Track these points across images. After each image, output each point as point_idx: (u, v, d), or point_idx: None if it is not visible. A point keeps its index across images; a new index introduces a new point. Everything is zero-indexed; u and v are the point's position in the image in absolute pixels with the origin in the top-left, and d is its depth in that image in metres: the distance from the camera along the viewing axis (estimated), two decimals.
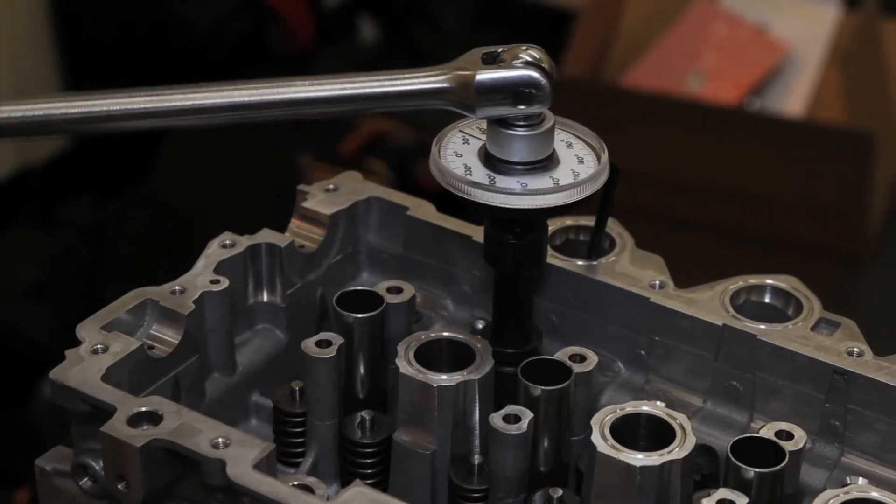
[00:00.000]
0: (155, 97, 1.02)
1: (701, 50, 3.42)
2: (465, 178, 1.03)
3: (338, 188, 1.25)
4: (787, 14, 3.42)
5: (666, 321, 1.14)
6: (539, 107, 1.01)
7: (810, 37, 3.39)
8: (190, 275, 1.14)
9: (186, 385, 1.11)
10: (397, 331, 1.14)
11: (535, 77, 1.00)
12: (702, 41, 3.42)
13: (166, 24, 3.00)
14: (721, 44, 3.42)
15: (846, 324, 1.13)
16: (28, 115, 1.01)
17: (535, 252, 1.09)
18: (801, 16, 3.42)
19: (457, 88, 1.02)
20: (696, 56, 3.43)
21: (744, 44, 3.41)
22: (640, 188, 3.23)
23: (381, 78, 1.05)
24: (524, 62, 1.01)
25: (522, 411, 1.03)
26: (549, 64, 1.01)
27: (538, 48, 1.03)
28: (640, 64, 3.42)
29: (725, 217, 3.27)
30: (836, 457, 1.09)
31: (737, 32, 3.42)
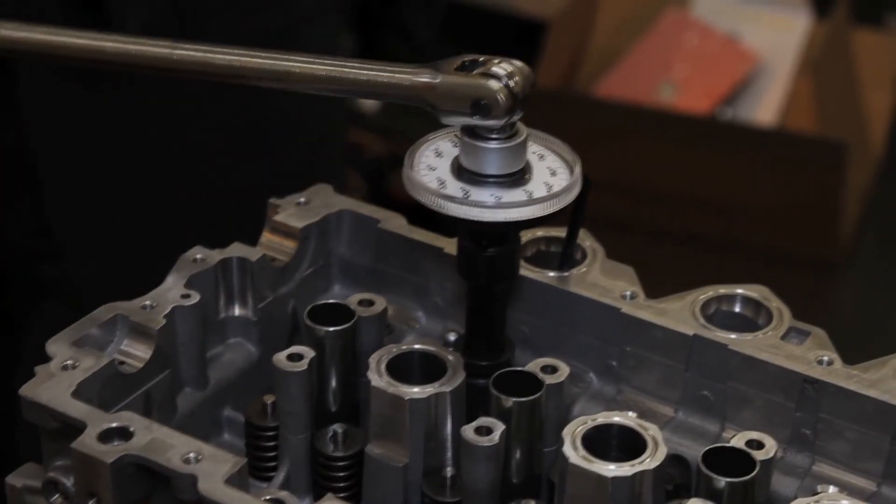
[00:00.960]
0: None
1: (673, 60, 3.44)
2: (439, 191, 1.04)
3: (309, 201, 1.25)
4: (758, 24, 3.44)
5: (637, 332, 1.15)
6: (495, 121, 1.01)
7: (781, 46, 3.41)
8: (161, 289, 1.14)
9: (158, 400, 1.11)
10: (369, 344, 1.14)
11: (491, 90, 1.01)
12: (673, 51, 3.43)
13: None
14: (693, 54, 3.44)
15: (816, 333, 1.13)
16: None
17: (508, 265, 1.09)
18: (772, 25, 3.44)
19: (423, 88, 1.03)
20: (668, 66, 3.44)
21: (715, 53, 3.43)
22: (613, 198, 3.24)
23: (361, 65, 1.06)
24: (489, 74, 1.01)
25: (494, 423, 1.03)
26: (519, 80, 1.01)
27: (516, 64, 1.02)
28: (613, 74, 3.44)
29: (698, 226, 3.28)
30: (806, 465, 1.10)
31: (708, 42, 3.44)
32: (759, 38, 3.42)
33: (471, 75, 1.02)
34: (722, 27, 3.43)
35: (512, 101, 1.01)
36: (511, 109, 1.01)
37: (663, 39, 3.44)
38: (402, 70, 1.05)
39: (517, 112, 1.02)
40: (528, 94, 1.02)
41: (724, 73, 3.41)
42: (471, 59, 1.04)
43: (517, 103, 1.01)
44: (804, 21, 3.43)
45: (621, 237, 2.78)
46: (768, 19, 3.43)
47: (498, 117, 1.01)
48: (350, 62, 1.06)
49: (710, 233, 3.28)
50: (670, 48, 3.43)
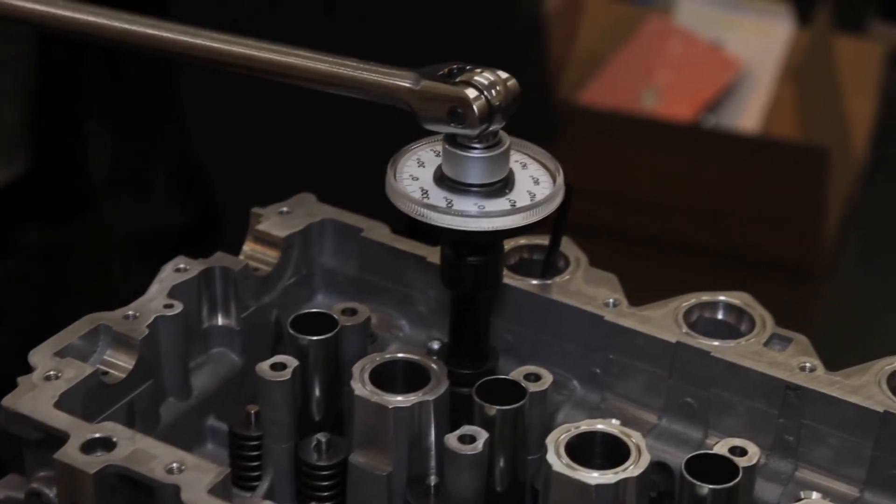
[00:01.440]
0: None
1: (656, 67, 3.45)
2: (423, 201, 1.04)
3: (292, 210, 1.25)
4: (740, 31, 3.45)
5: (620, 339, 1.15)
6: (470, 129, 1.01)
7: (764, 53, 3.42)
8: (143, 299, 1.14)
9: (141, 410, 1.11)
10: (352, 352, 1.14)
11: (466, 98, 1.01)
12: (656, 59, 3.44)
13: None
14: (676, 61, 3.44)
15: (798, 339, 1.13)
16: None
17: (491, 274, 1.09)
18: (755, 33, 3.45)
19: (405, 92, 1.03)
20: (652, 73, 3.45)
21: (698, 61, 3.44)
22: (596, 205, 3.24)
23: (351, 64, 1.06)
24: (469, 82, 1.01)
25: (478, 431, 1.03)
26: (500, 91, 1.01)
27: (500, 75, 1.02)
28: (596, 82, 3.44)
29: (682, 232, 3.29)
30: (790, 471, 1.10)
31: (691, 50, 3.45)
32: (741, 45, 3.43)
33: (451, 82, 1.02)
34: (705, 35, 3.44)
35: (488, 111, 1.01)
36: (486, 119, 1.01)
37: (646, 47, 3.45)
38: (389, 72, 1.05)
39: (495, 122, 1.02)
40: (509, 106, 1.02)
41: (708, 81, 3.42)
42: (458, 67, 1.04)
43: (494, 114, 1.01)
44: (786, 28, 3.44)
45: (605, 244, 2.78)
46: (751, 27, 3.45)
47: (472, 126, 1.01)
48: (343, 61, 1.06)
49: (693, 239, 3.28)
50: (653, 55, 3.44)
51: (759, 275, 3.15)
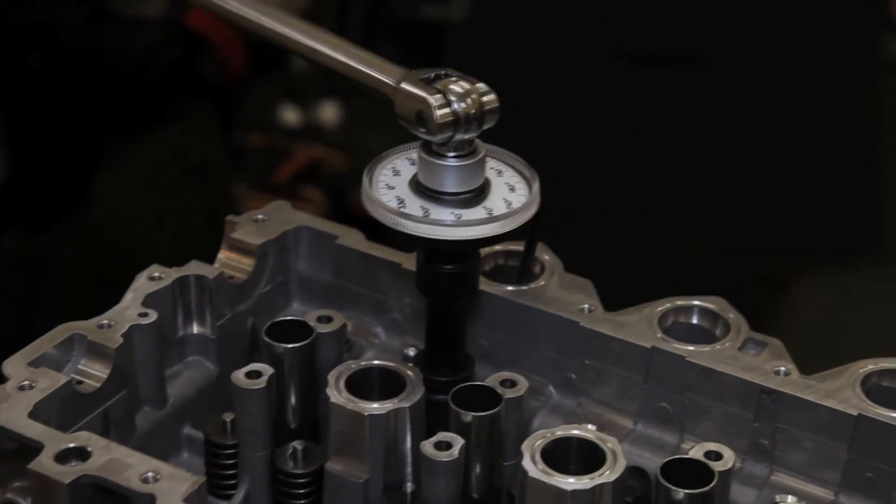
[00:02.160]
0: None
1: None
2: (399, 210, 1.04)
3: (267, 218, 1.25)
4: None
5: (596, 345, 1.15)
6: (430, 136, 1.01)
7: None
8: (118, 308, 1.14)
9: (116, 419, 1.10)
10: (328, 360, 1.14)
11: (429, 105, 1.01)
12: None
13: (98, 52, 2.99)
14: None
15: (773, 343, 1.14)
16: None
17: (467, 281, 1.09)
18: None
19: (387, 87, 1.04)
20: None
21: None
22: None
23: (354, 51, 1.08)
24: (441, 89, 1.01)
25: (454, 438, 1.03)
26: (470, 102, 1.01)
27: (477, 87, 1.02)
28: None
29: None
30: (765, 475, 1.11)
31: None
32: None
33: (425, 86, 1.02)
34: None
35: (451, 120, 1.01)
36: (449, 128, 1.01)
37: None
38: (381, 66, 1.06)
39: (461, 132, 1.01)
40: (478, 118, 1.01)
41: None
42: (443, 73, 1.04)
43: (459, 123, 1.01)
44: None
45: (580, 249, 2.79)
46: None
47: (432, 132, 1.01)
48: (348, 47, 1.08)
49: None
50: None
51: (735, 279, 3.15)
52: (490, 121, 1.02)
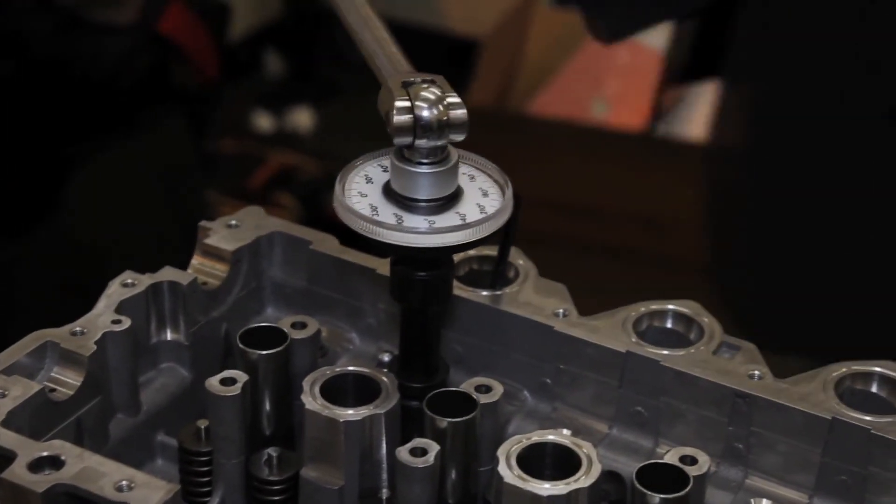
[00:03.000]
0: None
1: (604, 76, 3.46)
2: (372, 218, 1.03)
3: (240, 223, 1.24)
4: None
5: (570, 349, 1.15)
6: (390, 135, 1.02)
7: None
8: (91, 315, 1.13)
9: (89, 427, 1.10)
10: (302, 366, 1.14)
11: (389, 105, 1.01)
12: (605, 68, 3.46)
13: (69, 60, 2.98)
14: (624, 70, 3.46)
15: (746, 347, 1.14)
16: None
17: (442, 288, 1.09)
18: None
19: (382, 79, 1.05)
20: (600, 83, 3.47)
21: (646, 69, 3.46)
22: (547, 214, 3.25)
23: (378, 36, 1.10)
24: (410, 93, 1.01)
25: (429, 444, 1.03)
26: (434, 111, 1.01)
27: (448, 99, 1.02)
28: (545, 92, 3.45)
29: (634, 241, 3.30)
30: (740, 479, 1.11)
31: (639, 58, 3.47)
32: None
33: (400, 88, 1.02)
34: (651, 43, 3.46)
35: (409, 124, 1.01)
36: (406, 132, 1.01)
37: (594, 56, 3.46)
38: (387, 55, 1.07)
39: (421, 138, 1.01)
40: (441, 127, 1.01)
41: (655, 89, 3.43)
42: (424, 79, 1.04)
43: (418, 129, 1.01)
44: None
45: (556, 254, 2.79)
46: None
47: (391, 133, 1.01)
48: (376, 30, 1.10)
49: (644, 248, 3.30)
50: (601, 65, 3.46)
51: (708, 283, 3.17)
52: (457, 132, 1.02)
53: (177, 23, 2.95)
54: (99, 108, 2.94)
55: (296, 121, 4.10)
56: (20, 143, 2.87)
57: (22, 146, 2.87)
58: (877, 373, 1.11)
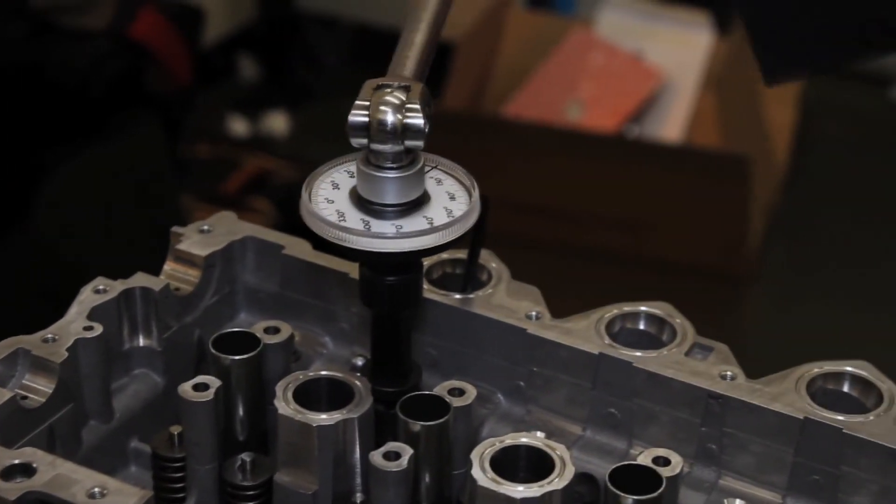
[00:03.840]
0: None
1: (579, 79, 3.47)
2: (339, 224, 1.03)
3: (212, 229, 1.24)
4: (661, 42, 3.48)
5: (543, 351, 1.15)
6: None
7: (685, 63, 3.45)
8: (63, 322, 1.13)
9: (62, 434, 1.09)
10: (275, 371, 1.13)
11: (354, 108, 1.01)
12: (579, 71, 3.46)
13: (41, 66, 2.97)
14: (598, 73, 3.47)
15: (719, 348, 1.14)
16: None
17: (411, 292, 1.09)
18: (675, 43, 3.48)
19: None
20: (575, 85, 3.47)
21: (620, 72, 3.47)
22: (523, 217, 3.26)
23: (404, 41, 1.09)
24: (371, 94, 1.02)
25: (402, 448, 1.03)
26: (391, 117, 1.01)
27: (409, 105, 1.01)
28: (520, 94, 3.46)
29: (608, 243, 3.31)
30: (713, 479, 1.11)
31: (613, 61, 3.48)
32: (662, 55, 3.46)
33: (370, 90, 1.03)
34: (626, 46, 3.47)
35: (363, 126, 1.01)
36: (360, 132, 1.01)
37: (569, 59, 3.47)
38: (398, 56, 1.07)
39: (375, 141, 1.01)
40: (394, 132, 1.01)
41: (630, 92, 3.44)
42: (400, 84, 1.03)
43: (371, 132, 1.01)
44: (706, 38, 3.47)
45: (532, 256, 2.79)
46: (671, 37, 3.48)
47: (346, 132, 1.01)
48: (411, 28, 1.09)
49: (619, 250, 3.30)
50: (576, 68, 3.46)
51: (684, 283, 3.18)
52: (413, 139, 1.01)
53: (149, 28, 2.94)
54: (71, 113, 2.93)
55: (271, 125, 4.09)
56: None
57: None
58: (848, 373, 1.12)
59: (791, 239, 3.68)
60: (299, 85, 4.24)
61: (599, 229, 3.31)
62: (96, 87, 2.95)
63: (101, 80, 2.95)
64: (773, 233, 3.58)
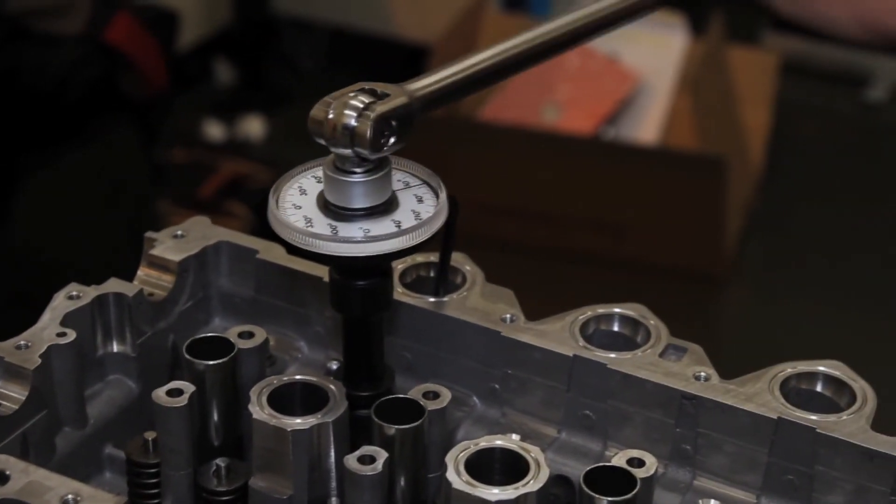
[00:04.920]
0: None
1: (555, 82, 3.47)
2: (307, 230, 1.03)
3: (186, 234, 1.24)
4: (636, 44, 3.49)
5: (518, 354, 1.15)
6: None
7: (660, 65, 3.46)
8: (36, 328, 1.12)
9: (35, 441, 1.09)
10: (250, 376, 1.13)
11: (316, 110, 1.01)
12: (556, 73, 3.47)
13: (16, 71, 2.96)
14: (574, 75, 3.47)
15: (693, 349, 1.15)
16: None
17: (381, 296, 1.09)
18: (651, 45, 3.49)
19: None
20: (551, 88, 3.48)
21: (596, 74, 3.47)
22: (500, 220, 3.26)
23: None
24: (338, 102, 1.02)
25: (377, 452, 1.03)
26: (353, 121, 1.00)
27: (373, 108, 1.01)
28: (497, 97, 3.46)
29: (586, 245, 3.32)
30: (688, 480, 1.11)
31: (589, 63, 3.48)
32: (638, 57, 3.47)
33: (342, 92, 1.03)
34: (602, 48, 3.47)
35: (316, 127, 1.01)
36: (315, 131, 1.01)
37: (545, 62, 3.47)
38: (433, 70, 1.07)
39: (328, 143, 1.01)
40: (342, 137, 1.01)
41: (606, 94, 3.45)
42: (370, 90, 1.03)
43: (324, 134, 1.01)
44: (681, 40, 3.48)
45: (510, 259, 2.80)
46: (647, 39, 3.48)
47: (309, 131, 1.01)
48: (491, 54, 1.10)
49: (596, 251, 3.31)
50: (552, 70, 3.47)
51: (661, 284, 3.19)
52: (360, 145, 1.01)
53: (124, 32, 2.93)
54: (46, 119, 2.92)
55: (247, 129, 4.09)
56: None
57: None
58: (821, 372, 1.12)
59: (767, 239, 3.69)
60: (275, 89, 4.24)
61: (576, 231, 3.32)
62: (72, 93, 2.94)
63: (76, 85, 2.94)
64: (750, 233, 3.59)
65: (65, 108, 2.95)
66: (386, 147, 1.01)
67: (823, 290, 3.56)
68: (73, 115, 2.96)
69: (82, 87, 2.95)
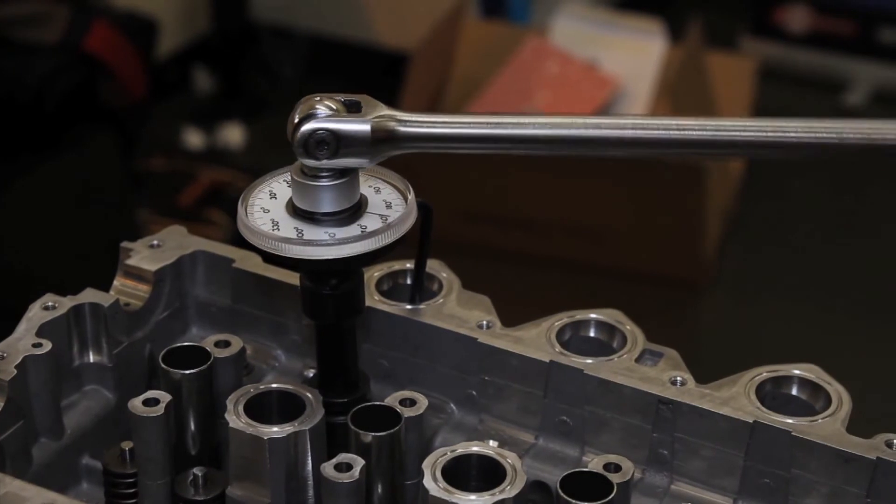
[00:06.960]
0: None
1: (534, 88, 3.48)
2: (273, 233, 1.03)
3: (162, 243, 1.24)
4: (615, 49, 3.49)
5: (494, 361, 1.15)
6: None
7: (639, 71, 3.46)
8: (11, 339, 1.12)
9: (11, 452, 1.09)
10: (226, 385, 1.13)
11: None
12: (535, 79, 3.47)
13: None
14: (553, 81, 3.48)
15: (669, 354, 1.15)
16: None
17: (352, 301, 1.09)
18: (629, 50, 3.50)
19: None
20: (530, 94, 3.48)
21: (576, 80, 3.48)
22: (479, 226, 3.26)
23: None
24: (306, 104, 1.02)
25: (354, 459, 1.03)
26: (296, 121, 1.01)
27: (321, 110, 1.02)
28: (476, 103, 3.46)
29: (565, 251, 3.31)
30: (665, 485, 1.12)
31: (568, 69, 3.49)
32: (617, 63, 3.47)
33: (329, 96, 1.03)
34: (581, 54, 3.48)
35: (289, 131, 1.02)
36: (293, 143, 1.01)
37: (524, 68, 3.48)
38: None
39: (311, 156, 1.02)
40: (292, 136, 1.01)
41: (585, 100, 3.45)
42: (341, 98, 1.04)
43: (292, 140, 1.02)
44: (659, 45, 3.49)
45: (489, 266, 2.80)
46: (625, 45, 3.49)
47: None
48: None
49: (576, 258, 3.31)
50: (531, 76, 3.47)
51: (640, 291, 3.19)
52: (318, 149, 1.02)
53: (102, 41, 2.93)
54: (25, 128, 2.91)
55: (226, 137, 4.08)
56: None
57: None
58: (797, 376, 1.12)
59: (747, 246, 3.70)
60: (255, 97, 4.23)
61: (556, 238, 3.32)
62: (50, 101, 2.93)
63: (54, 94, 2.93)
64: (730, 240, 3.60)
65: (43, 116, 2.94)
66: (324, 159, 1.02)
67: (802, 295, 3.57)
68: (51, 123, 2.95)
69: (61, 96, 2.94)
